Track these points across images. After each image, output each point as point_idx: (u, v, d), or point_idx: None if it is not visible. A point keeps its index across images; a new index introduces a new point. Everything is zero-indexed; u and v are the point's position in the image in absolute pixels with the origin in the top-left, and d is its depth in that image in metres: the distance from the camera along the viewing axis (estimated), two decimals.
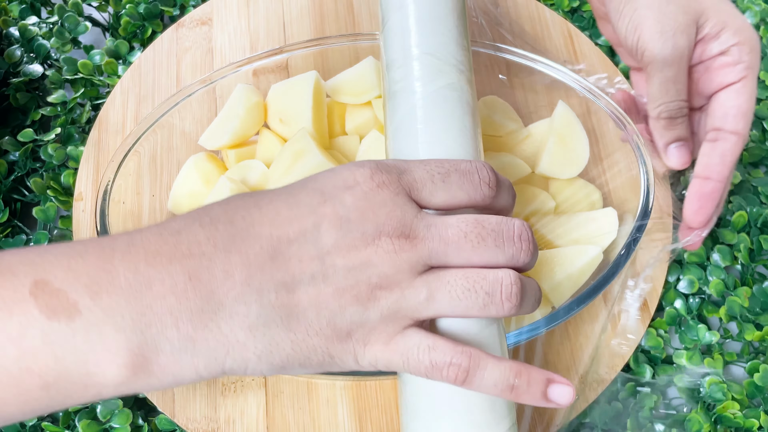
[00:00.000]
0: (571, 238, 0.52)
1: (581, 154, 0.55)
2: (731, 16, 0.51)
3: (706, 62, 0.52)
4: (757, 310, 0.56)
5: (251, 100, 0.55)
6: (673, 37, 0.49)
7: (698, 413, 0.52)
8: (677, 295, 0.57)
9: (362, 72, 0.56)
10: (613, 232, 0.52)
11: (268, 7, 0.70)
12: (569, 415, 0.51)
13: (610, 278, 0.47)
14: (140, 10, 0.69)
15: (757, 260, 0.59)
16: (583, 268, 0.50)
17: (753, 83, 0.51)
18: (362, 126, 0.57)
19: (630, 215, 0.52)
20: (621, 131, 0.54)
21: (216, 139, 0.55)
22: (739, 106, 0.51)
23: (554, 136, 0.54)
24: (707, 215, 0.52)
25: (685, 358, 0.55)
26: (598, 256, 0.50)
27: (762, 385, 0.54)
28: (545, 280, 0.50)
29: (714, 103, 0.52)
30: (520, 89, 0.61)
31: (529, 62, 0.57)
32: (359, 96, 0.56)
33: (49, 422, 0.52)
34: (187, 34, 0.68)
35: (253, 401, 0.51)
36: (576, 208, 0.55)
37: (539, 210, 0.54)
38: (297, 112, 0.54)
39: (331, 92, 0.58)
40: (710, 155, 0.51)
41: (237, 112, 0.54)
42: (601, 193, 0.57)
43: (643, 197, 0.51)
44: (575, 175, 0.55)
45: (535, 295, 0.37)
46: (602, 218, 0.54)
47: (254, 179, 0.52)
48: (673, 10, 0.50)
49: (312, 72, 0.55)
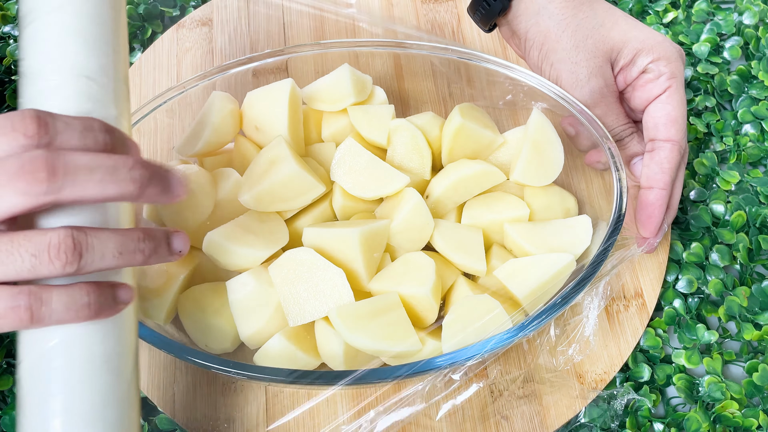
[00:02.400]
0: (544, 246, 0.52)
1: (556, 161, 0.55)
2: (642, 40, 0.54)
3: (632, 84, 0.55)
4: (755, 309, 0.57)
5: (226, 108, 0.54)
6: (588, 83, 0.54)
7: (697, 412, 0.52)
8: (676, 294, 0.57)
9: (338, 80, 0.57)
10: (586, 240, 0.53)
11: (268, 8, 0.70)
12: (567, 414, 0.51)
13: (582, 287, 0.48)
14: (140, 11, 0.70)
15: (755, 260, 0.59)
16: (556, 276, 0.50)
17: (678, 91, 0.53)
18: (338, 133, 0.57)
19: (605, 222, 0.52)
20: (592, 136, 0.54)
21: (190, 147, 0.55)
22: (667, 114, 0.53)
23: (528, 144, 0.54)
24: (656, 224, 0.54)
25: (684, 357, 0.55)
26: (571, 264, 0.50)
27: (761, 384, 0.54)
28: (518, 287, 0.50)
29: (645, 116, 0.55)
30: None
31: (500, 68, 0.57)
32: (335, 103, 0.56)
33: None
34: (188, 35, 0.68)
35: (253, 401, 0.52)
36: (551, 215, 0.55)
37: (514, 217, 0.54)
38: (273, 119, 0.54)
39: (306, 99, 0.58)
40: (650, 165, 0.53)
41: (211, 120, 0.54)
42: (577, 200, 0.57)
43: (616, 204, 0.51)
44: (549, 182, 0.55)
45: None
46: (576, 226, 0.54)
47: (228, 187, 0.53)
48: (583, 57, 0.53)
49: (288, 79, 0.55)
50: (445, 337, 0.47)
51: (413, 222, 0.51)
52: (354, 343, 0.45)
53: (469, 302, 0.47)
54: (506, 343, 0.45)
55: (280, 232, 0.51)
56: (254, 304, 0.48)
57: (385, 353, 0.46)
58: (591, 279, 0.48)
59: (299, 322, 0.47)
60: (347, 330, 0.45)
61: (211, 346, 0.50)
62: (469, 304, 0.47)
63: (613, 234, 0.50)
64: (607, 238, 0.49)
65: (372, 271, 0.50)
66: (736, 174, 0.62)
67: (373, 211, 0.54)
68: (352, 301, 0.46)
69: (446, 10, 0.70)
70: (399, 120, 0.55)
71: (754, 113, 0.65)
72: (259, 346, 0.49)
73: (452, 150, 0.55)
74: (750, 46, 0.69)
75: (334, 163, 0.53)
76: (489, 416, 0.51)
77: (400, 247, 0.52)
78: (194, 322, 0.50)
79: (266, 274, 0.49)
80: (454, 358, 0.44)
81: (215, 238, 0.49)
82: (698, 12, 0.71)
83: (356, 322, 0.45)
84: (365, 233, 0.48)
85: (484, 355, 0.45)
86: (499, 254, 0.53)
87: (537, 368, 0.53)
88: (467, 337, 0.46)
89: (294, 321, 0.47)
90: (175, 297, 0.50)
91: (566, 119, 0.56)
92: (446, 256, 0.52)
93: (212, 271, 0.52)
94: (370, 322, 0.46)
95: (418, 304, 0.48)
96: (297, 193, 0.50)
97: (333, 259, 0.48)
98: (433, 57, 0.59)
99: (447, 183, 0.53)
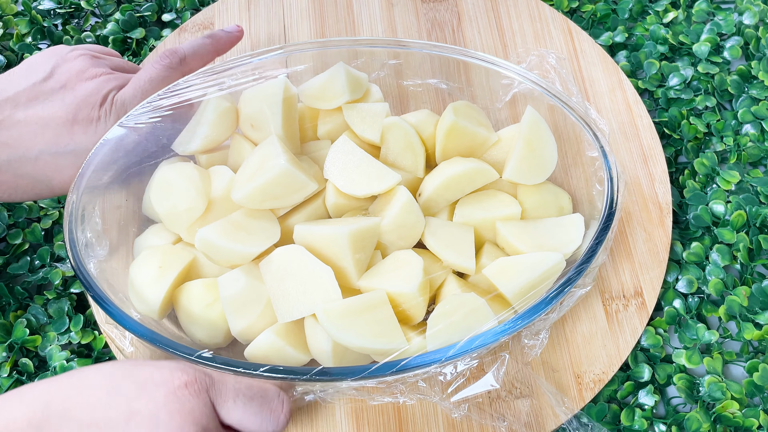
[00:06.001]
0: (535, 244, 0.52)
1: (549, 159, 0.55)
2: None
3: None
4: (756, 309, 0.56)
5: (222, 106, 0.55)
6: None
7: (698, 412, 0.52)
8: (676, 294, 0.57)
9: (332, 78, 0.57)
10: (578, 239, 0.52)
11: (268, 11, 0.70)
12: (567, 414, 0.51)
13: (569, 285, 0.47)
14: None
15: (756, 260, 0.58)
16: (545, 275, 0.49)
17: None
18: (334, 131, 0.57)
19: (597, 222, 0.51)
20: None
21: (187, 144, 0.55)
22: None
23: (521, 142, 0.53)
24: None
25: (684, 357, 0.54)
26: (560, 263, 0.50)
27: (761, 384, 0.53)
28: (507, 285, 0.49)
29: None
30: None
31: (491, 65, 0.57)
32: (330, 101, 0.56)
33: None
34: (190, 39, 0.69)
35: None
36: (544, 213, 0.55)
37: (506, 215, 0.54)
38: (267, 117, 0.54)
39: (302, 97, 0.58)
40: None
41: (208, 118, 0.55)
42: (571, 198, 0.57)
43: (606, 202, 0.51)
44: (542, 180, 0.55)
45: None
46: (568, 224, 0.53)
47: (222, 185, 0.53)
48: None
49: (282, 77, 0.55)
50: (429, 335, 0.47)
51: (404, 220, 0.51)
52: (340, 340, 0.45)
53: (455, 300, 0.47)
54: (491, 341, 0.45)
55: (272, 229, 0.51)
56: (245, 300, 0.48)
57: (372, 350, 0.46)
58: (578, 279, 0.47)
59: (288, 319, 0.47)
60: (334, 327, 0.45)
61: (204, 341, 0.50)
62: (455, 302, 0.47)
63: (603, 233, 0.49)
64: (596, 237, 0.49)
65: (361, 269, 0.50)
66: (737, 174, 0.61)
67: (366, 209, 0.54)
68: (340, 299, 0.46)
69: (446, 9, 0.70)
70: (392, 118, 0.55)
71: (754, 113, 0.65)
72: (250, 341, 0.49)
73: (446, 148, 0.55)
74: (750, 46, 0.68)
75: (327, 161, 0.53)
76: (486, 417, 0.51)
77: (392, 244, 0.52)
78: (188, 318, 0.50)
79: (257, 271, 0.49)
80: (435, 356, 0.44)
81: (208, 235, 0.49)
82: (698, 12, 0.71)
83: (343, 320, 0.45)
84: (354, 232, 0.48)
85: (471, 353, 0.45)
86: (490, 252, 0.53)
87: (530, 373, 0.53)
88: (451, 335, 0.46)
89: (283, 317, 0.47)
90: (169, 293, 0.50)
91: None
92: (436, 253, 0.52)
93: (205, 267, 0.52)
94: (356, 319, 0.46)
95: (405, 302, 0.48)
96: (289, 191, 0.50)
97: (323, 257, 0.48)
98: (432, 56, 0.59)
99: (439, 181, 0.53)
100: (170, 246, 0.52)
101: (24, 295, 0.58)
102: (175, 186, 0.51)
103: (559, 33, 0.68)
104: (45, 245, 0.60)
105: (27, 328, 0.56)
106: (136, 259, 0.51)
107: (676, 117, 0.65)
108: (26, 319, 0.57)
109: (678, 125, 0.65)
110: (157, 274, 0.50)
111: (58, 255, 0.60)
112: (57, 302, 0.57)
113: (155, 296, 0.49)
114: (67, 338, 0.56)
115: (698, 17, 0.70)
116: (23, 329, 0.56)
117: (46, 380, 0.41)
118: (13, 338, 0.56)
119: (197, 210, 0.51)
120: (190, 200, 0.51)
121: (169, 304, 0.51)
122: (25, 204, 0.62)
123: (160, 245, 0.52)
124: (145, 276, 0.50)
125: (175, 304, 0.51)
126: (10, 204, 0.62)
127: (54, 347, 0.56)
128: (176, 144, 0.56)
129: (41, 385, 0.41)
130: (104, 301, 0.47)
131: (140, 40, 0.71)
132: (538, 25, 0.68)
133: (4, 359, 0.55)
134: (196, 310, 0.49)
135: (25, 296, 0.58)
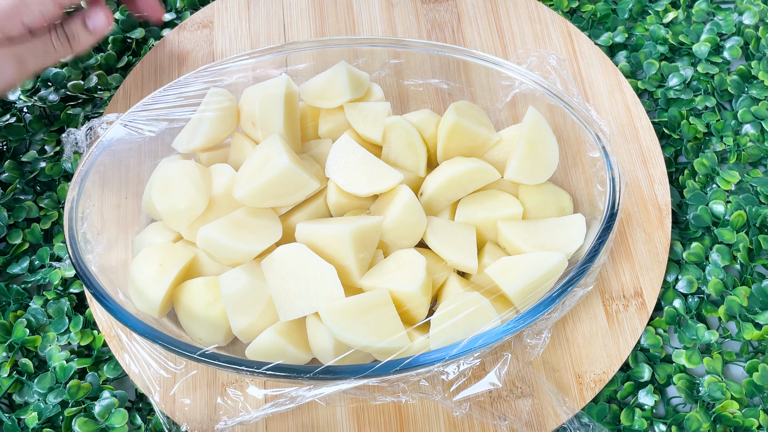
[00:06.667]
0: (537, 244, 0.52)
1: (550, 160, 0.55)
2: None
3: None
4: (756, 309, 0.56)
5: (223, 104, 0.55)
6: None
7: (697, 412, 0.52)
8: (676, 294, 0.57)
9: (334, 76, 0.57)
10: (580, 239, 0.52)
11: (268, 10, 0.70)
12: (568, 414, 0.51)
13: (572, 285, 0.47)
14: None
15: (756, 260, 0.58)
16: (547, 275, 0.49)
17: None
18: (335, 130, 0.58)
19: (597, 222, 0.51)
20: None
21: (188, 142, 0.55)
22: None
23: (523, 142, 0.54)
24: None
25: (684, 357, 0.54)
26: (563, 263, 0.50)
27: (761, 384, 0.53)
28: (509, 285, 0.49)
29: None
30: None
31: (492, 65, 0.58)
32: (331, 100, 0.57)
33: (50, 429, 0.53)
34: (189, 37, 0.69)
35: (253, 401, 0.51)
36: (545, 213, 0.55)
37: (507, 215, 0.54)
38: (269, 115, 0.54)
39: (304, 96, 0.58)
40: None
41: (208, 116, 0.55)
42: (572, 198, 0.57)
43: (608, 202, 0.51)
44: (543, 181, 0.55)
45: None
46: (570, 224, 0.53)
47: (223, 183, 0.53)
48: None
49: (284, 76, 0.55)
50: (433, 335, 0.47)
51: (406, 219, 0.51)
52: (343, 339, 0.45)
53: (458, 299, 0.47)
54: (494, 341, 0.45)
55: (274, 227, 0.51)
56: (247, 299, 0.48)
57: (375, 349, 0.46)
58: (580, 279, 0.47)
59: (290, 317, 0.47)
60: (337, 326, 0.45)
61: (205, 339, 0.50)
62: (458, 301, 0.47)
63: (606, 232, 0.49)
64: (599, 237, 0.49)
65: (363, 267, 0.50)
66: (736, 174, 0.61)
67: (368, 208, 0.54)
68: (343, 298, 0.46)
69: (446, 10, 0.70)
70: (394, 117, 0.55)
71: (754, 113, 0.65)
72: (251, 340, 0.49)
73: (447, 147, 0.56)
74: (750, 46, 0.68)
75: (329, 160, 0.53)
76: (487, 416, 0.51)
77: (393, 243, 0.52)
78: (188, 316, 0.50)
79: (259, 269, 0.49)
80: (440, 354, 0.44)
81: (210, 233, 0.49)
82: (698, 12, 0.71)
83: (346, 319, 0.45)
84: (357, 231, 0.48)
85: (474, 352, 0.45)
86: (492, 252, 0.53)
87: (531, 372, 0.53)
88: (454, 334, 0.46)
89: (285, 316, 0.47)
90: (170, 291, 0.50)
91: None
92: (438, 253, 0.52)
93: (205, 265, 0.52)
94: (359, 318, 0.46)
95: (408, 301, 0.48)
96: (290, 189, 0.50)
97: (325, 256, 0.48)
98: (433, 56, 0.60)
99: (441, 180, 0.53)
100: (171, 244, 0.52)
101: (24, 295, 0.58)
102: (175, 184, 0.51)
103: (558, 34, 0.68)
104: (45, 245, 0.60)
105: (27, 329, 0.56)
106: (137, 257, 0.51)
107: (676, 117, 0.65)
108: (26, 319, 0.56)
109: (678, 125, 0.65)
110: (158, 272, 0.49)
111: (58, 255, 0.60)
112: (57, 302, 0.57)
113: (156, 294, 0.49)
114: (67, 338, 0.56)
115: (698, 17, 0.71)
116: (23, 329, 0.56)
117: None
118: (13, 338, 0.56)
119: (198, 208, 0.51)
120: (190, 198, 0.51)
121: (170, 303, 0.51)
122: (25, 204, 0.61)
123: (160, 243, 0.52)
124: (146, 274, 0.50)
125: (175, 302, 0.51)
126: (10, 204, 0.62)
127: (54, 347, 0.55)
128: (177, 142, 0.56)
129: None
130: (104, 298, 0.46)
131: (140, 40, 0.70)
132: (537, 27, 0.69)
133: (4, 359, 0.55)
134: (197, 309, 0.49)
135: (24, 296, 0.58)
